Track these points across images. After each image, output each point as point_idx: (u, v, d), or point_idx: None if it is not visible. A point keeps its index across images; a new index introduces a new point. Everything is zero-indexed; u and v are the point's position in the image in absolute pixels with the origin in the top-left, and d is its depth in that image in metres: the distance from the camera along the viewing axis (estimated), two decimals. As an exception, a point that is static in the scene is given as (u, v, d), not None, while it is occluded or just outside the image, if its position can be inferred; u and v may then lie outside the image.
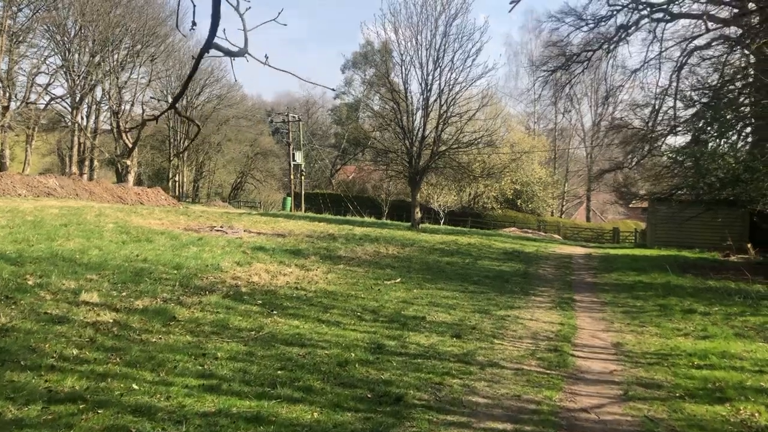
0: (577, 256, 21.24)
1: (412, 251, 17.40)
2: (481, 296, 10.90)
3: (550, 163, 58.07)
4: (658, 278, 15.18)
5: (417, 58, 27.65)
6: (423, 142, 27.89)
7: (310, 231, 21.12)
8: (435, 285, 11.66)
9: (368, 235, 21.10)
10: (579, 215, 64.38)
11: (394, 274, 12.48)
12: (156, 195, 35.29)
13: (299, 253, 13.93)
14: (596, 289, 13.28)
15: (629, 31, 27.64)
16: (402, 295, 10.21)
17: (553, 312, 10.04)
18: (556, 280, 14.33)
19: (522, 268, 15.93)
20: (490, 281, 12.94)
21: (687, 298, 12.03)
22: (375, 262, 14.25)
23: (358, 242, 17.98)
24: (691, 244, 24.73)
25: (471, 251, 19.17)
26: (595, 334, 8.70)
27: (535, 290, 12.39)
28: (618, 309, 10.80)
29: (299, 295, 9.41)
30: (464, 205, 48.93)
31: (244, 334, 6.77)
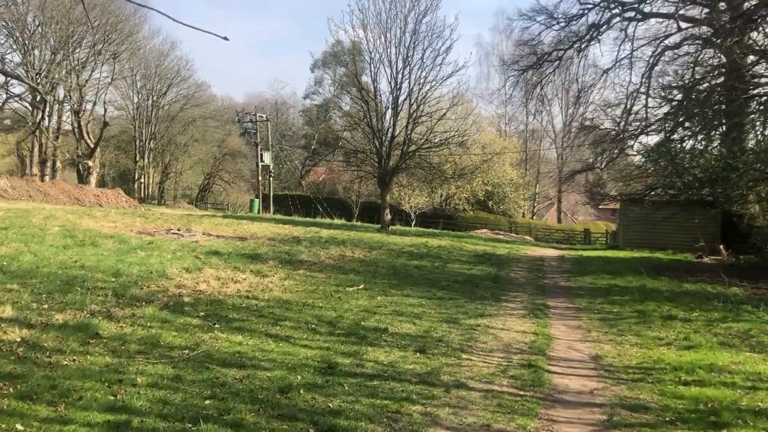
0: (550, 259, 20.70)
1: (379, 254, 16.60)
2: (449, 303, 10.15)
3: (522, 165, 57.88)
4: (634, 281, 14.67)
5: (386, 56, 26.87)
6: (393, 142, 27.14)
7: (274, 234, 20.17)
8: (401, 291, 10.88)
9: (335, 237, 20.25)
10: (550, 216, 64.41)
11: (358, 280, 11.66)
12: (116, 197, 33.90)
13: (257, 258, 13.02)
14: (571, 294, 12.66)
15: (600, 30, 27.35)
16: (364, 304, 9.40)
17: (526, 320, 9.34)
18: (529, 285, 13.68)
19: (493, 272, 15.26)
20: (460, 286, 12.21)
21: (665, 303, 11.47)
22: (339, 266, 13.41)
23: (323, 245, 17.12)
24: (663, 246, 24.42)
25: (441, 254, 18.46)
26: (571, 344, 8.01)
27: (507, 295, 11.70)
28: (594, 316, 10.16)
29: (249, 305, 8.53)
30: (436, 207, 48.35)
31: (176, 353, 5.88)
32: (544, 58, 28.57)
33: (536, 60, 28.22)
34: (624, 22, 26.56)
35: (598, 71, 27.60)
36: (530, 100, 32.91)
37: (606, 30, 27.52)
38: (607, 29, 27.46)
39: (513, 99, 57.70)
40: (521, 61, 29.50)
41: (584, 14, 27.21)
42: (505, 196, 50.84)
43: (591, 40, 27.54)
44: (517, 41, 31.46)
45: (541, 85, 30.02)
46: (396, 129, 27.38)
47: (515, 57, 30.72)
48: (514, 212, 52.61)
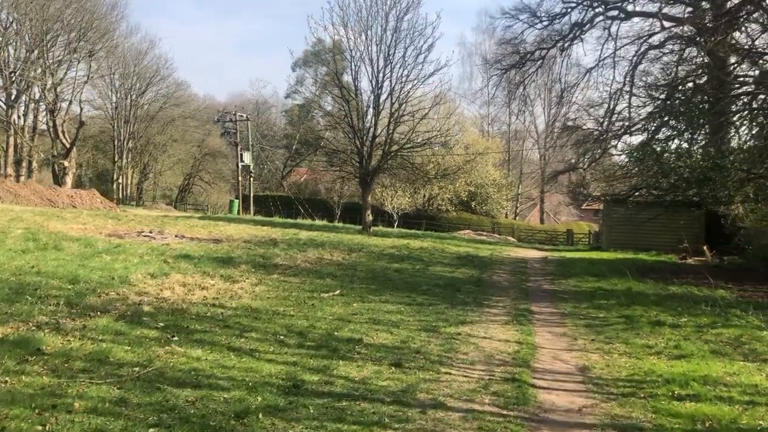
0: (533, 260, 20.33)
1: (358, 257, 16.09)
2: (429, 309, 9.67)
3: (504, 165, 57.72)
4: (619, 284, 14.31)
5: (367, 54, 26.40)
6: (374, 142, 26.65)
7: (251, 236, 19.57)
8: (379, 297, 10.37)
9: (314, 239, 19.71)
10: (533, 217, 64.35)
11: (335, 285, 11.13)
12: (91, 198, 33.00)
13: (229, 262, 12.45)
14: (555, 298, 12.24)
15: (584, 29, 27.09)
16: (339, 311, 8.88)
17: (509, 327, 8.89)
18: (512, 288, 13.25)
19: (475, 275, 14.81)
20: (441, 291, 11.74)
21: (652, 308, 11.10)
22: (315, 270, 12.87)
23: (300, 248, 16.57)
24: (647, 247, 24.19)
25: (422, 256, 17.99)
26: (557, 354, 7.56)
27: (490, 300, 11.25)
28: (580, 322, 9.73)
29: (214, 314, 7.97)
30: (419, 208, 47.93)
31: (125, 371, 5.32)
32: (527, 57, 28.23)
33: (519, 59, 27.86)
34: (607, 20, 26.34)
35: (581, 70, 27.33)
36: (513, 100, 32.61)
37: (589, 29, 27.28)
38: (590, 28, 27.22)
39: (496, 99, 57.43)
40: (504, 60, 29.14)
41: (567, 13, 26.94)
42: (488, 197, 50.57)
43: (574, 39, 27.28)
44: (500, 40, 31.11)
45: (524, 84, 29.70)
46: (377, 128, 26.90)
47: (498, 56, 30.36)
48: (497, 213, 52.36)
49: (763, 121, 13.21)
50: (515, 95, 30.66)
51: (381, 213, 44.37)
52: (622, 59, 26.63)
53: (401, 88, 26.16)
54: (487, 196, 50.55)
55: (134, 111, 59.75)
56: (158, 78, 60.80)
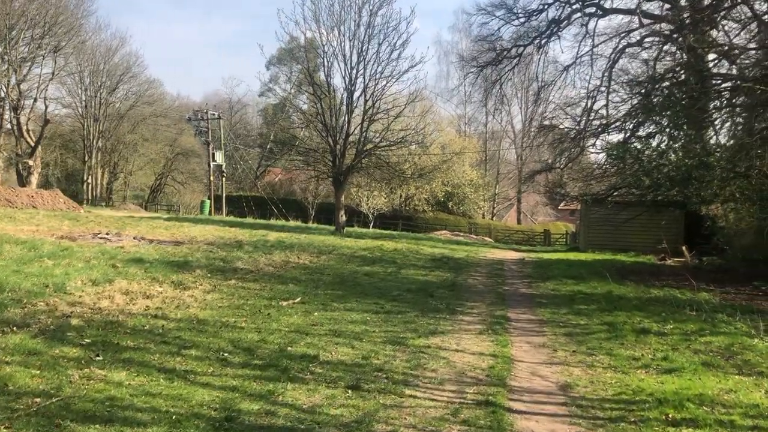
0: (510, 262, 19.69)
1: (327, 260, 15.26)
2: (398, 318, 8.88)
3: (481, 165, 57.29)
4: (599, 287, 13.70)
5: (340, 50, 25.60)
6: (347, 140, 25.84)
7: (216, 237, 18.63)
8: (344, 304, 9.55)
9: (283, 241, 18.83)
10: (510, 217, 64.05)
11: (297, 291, 10.29)
12: (54, 198, 31.62)
13: (185, 266, 11.53)
14: (532, 303, 11.55)
15: (561, 26, 26.57)
16: (297, 322, 8.04)
17: (484, 337, 8.14)
18: (488, 292, 12.53)
19: (450, 278, 14.08)
20: (413, 296, 10.97)
21: (635, 313, 10.47)
22: (278, 275, 12.01)
23: (266, 250, 15.69)
24: (625, 247, 23.75)
25: (396, 258, 17.22)
26: (535, 369, 6.83)
27: (464, 306, 10.50)
28: (560, 330, 9.03)
29: (154, 326, 7.09)
30: (395, 208, 47.25)
31: (23, 403, 4.44)
32: (504, 55, 27.66)
33: (495, 56, 27.27)
34: (585, 17, 25.86)
35: (559, 68, 26.81)
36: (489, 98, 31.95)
37: (566, 26, 26.79)
38: (567, 25, 26.74)
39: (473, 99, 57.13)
40: (480, 58, 28.52)
41: (544, 9, 26.40)
42: (464, 197, 50.08)
43: (551, 36, 26.77)
44: (476, 37, 30.51)
45: (501, 82, 29.14)
46: (351, 127, 26.11)
47: (474, 53, 29.72)
48: (474, 213, 51.90)
49: (744, 118, 12.66)
50: (492, 93, 30.06)
51: (357, 213, 43.60)
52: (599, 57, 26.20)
53: (375, 85, 25.42)
54: (464, 197, 50.06)
55: (104, 109, 58.13)
56: (129, 76, 59.29)
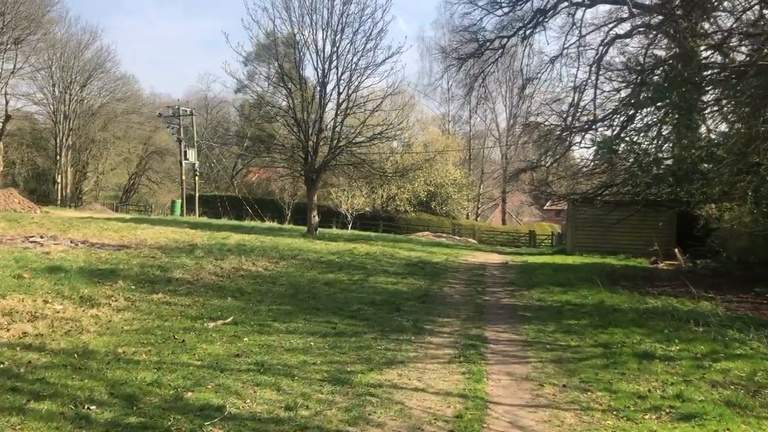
0: (492, 266, 18.17)
1: (287, 266, 13.62)
2: (350, 342, 7.27)
3: (465, 164, 55.84)
4: (589, 296, 12.22)
5: (312, 39, 23.97)
6: (320, 136, 24.19)
7: (170, 240, 16.92)
8: (288, 324, 7.92)
9: (244, 244, 17.16)
10: (495, 218, 62.69)
11: (233, 308, 8.64)
12: (7, 198, 29.62)
13: (110, 276, 9.84)
14: (515, 317, 10.00)
15: (547, 16, 25.09)
16: (217, 351, 6.40)
17: (453, 368, 6.57)
18: (464, 304, 10.97)
19: (423, 287, 12.51)
20: (375, 311, 9.37)
21: (633, 330, 8.97)
22: (220, 286, 10.35)
23: (220, 255, 14.03)
24: (614, 250, 22.33)
25: (366, 264, 15.63)
26: (516, 417, 5.26)
27: (434, 323, 8.92)
28: (546, 355, 7.48)
29: (17, 362, 5.40)
30: (376, 208, 45.65)
31: None
32: (486, 46, 26.14)
33: (478, 47, 25.74)
34: (571, 7, 24.45)
35: (544, 59, 25.31)
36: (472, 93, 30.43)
37: (552, 16, 25.34)
38: (553, 15, 25.28)
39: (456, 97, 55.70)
40: (461, 49, 26.96)
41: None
42: (448, 197, 48.59)
43: (536, 26, 25.28)
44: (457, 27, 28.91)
45: (483, 75, 27.63)
46: (324, 121, 24.47)
47: (455, 44, 28.14)
48: (457, 214, 50.42)
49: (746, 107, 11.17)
50: (474, 88, 28.52)
51: (336, 214, 41.96)
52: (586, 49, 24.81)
53: (350, 76, 23.79)
54: (448, 197, 48.58)
55: (74, 106, 55.99)
56: (100, 71, 57.18)
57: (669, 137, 10.37)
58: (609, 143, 11.19)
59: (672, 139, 10.12)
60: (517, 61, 29.46)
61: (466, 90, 31.13)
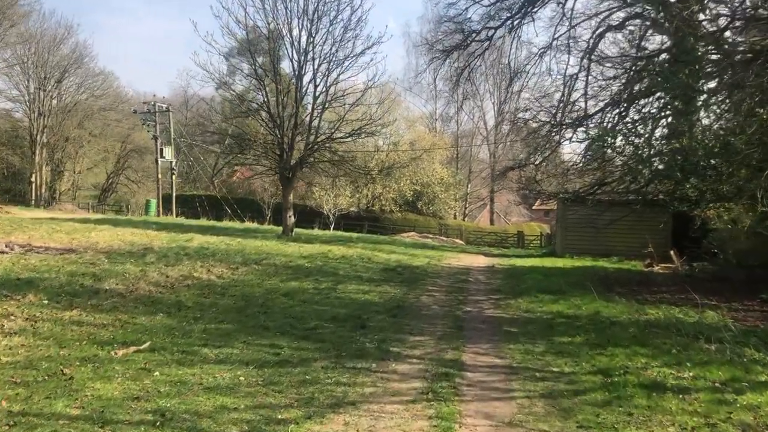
0: (477, 271, 16.84)
1: (246, 273, 12.19)
2: (293, 374, 5.87)
3: (452, 163, 54.57)
4: (583, 306, 10.92)
5: (287, 29, 22.54)
6: (296, 132, 22.76)
7: (125, 243, 15.46)
8: (221, 350, 6.51)
9: (206, 248, 15.72)
10: (483, 218, 61.51)
11: (159, 328, 7.20)
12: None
13: (23, 288, 8.38)
14: (499, 334, 8.65)
15: (535, 5, 23.80)
16: (112, 392, 4.97)
17: (418, 411, 5.19)
18: (442, 318, 9.60)
19: (398, 296, 11.13)
20: (335, 329, 7.98)
21: (636, 350, 7.66)
22: (154, 300, 8.91)
23: (172, 261, 12.59)
24: (606, 252, 21.11)
25: (339, 269, 14.23)
26: (495, 489, 3.89)
27: (404, 344, 7.55)
28: (535, 388, 6.11)
29: None
30: (361, 208, 44.25)
31: None
32: (472, 38, 24.80)
33: (463, 38, 24.39)
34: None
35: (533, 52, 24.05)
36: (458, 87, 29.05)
37: (541, 6, 24.03)
38: (542, 5, 23.97)
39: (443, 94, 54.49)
40: (446, 40, 25.58)
41: (517, -13, 23.64)
42: (434, 197, 47.28)
43: (524, 16, 23.91)
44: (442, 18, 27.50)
45: (470, 69, 26.28)
46: (300, 117, 23.04)
47: (439, 35, 26.75)
48: (444, 214, 49.12)
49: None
50: (460, 82, 27.14)
51: (319, 215, 40.56)
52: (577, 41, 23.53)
53: (327, 68, 22.37)
54: (434, 196, 47.28)
55: (49, 103, 54.19)
56: (76, 67, 55.41)
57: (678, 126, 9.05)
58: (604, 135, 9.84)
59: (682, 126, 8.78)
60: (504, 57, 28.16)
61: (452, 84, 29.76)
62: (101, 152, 58.95)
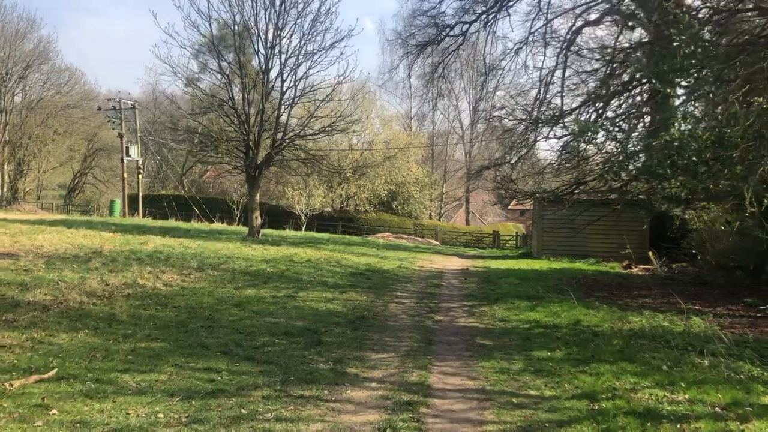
0: (450, 274, 16.02)
1: (200, 280, 11.18)
2: (226, 408, 4.92)
3: (428, 163, 53.84)
4: (562, 313, 10.16)
5: (253, 21, 21.49)
6: (262, 128, 21.71)
7: (73, 247, 14.31)
8: (145, 376, 5.53)
9: (160, 252, 14.64)
10: (459, 218, 60.92)
11: (77, 349, 6.17)
12: None
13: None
14: (472, 348, 7.80)
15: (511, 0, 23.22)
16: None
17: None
18: (410, 329, 8.73)
19: (363, 305, 10.23)
20: (286, 346, 7.04)
21: (623, 366, 6.89)
22: (83, 313, 7.86)
23: (119, 266, 11.52)
24: (584, 253, 20.51)
25: (302, 274, 13.28)
26: None
27: (363, 363, 6.65)
28: (512, 419, 5.25)
29: None
30: (335, 208, 43.28)
31: None
32: (447, 32, 24.07)
33: (437, 32, 23.63)
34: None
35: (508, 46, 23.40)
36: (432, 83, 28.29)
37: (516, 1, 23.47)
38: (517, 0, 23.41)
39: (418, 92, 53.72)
40: (419, 35, 24.81)
41: (492, -19, 22.98)
42: (410, 197, 46.48)
43: (500, 10, 23.27)
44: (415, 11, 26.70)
45: (444, 64, 25.54)
46: (267, 113, 21.99)
47: (412, 29, 25.95)
48: (419, 214, 48.35)
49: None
50: (434, 77, 26.37)
51: (291, 215, 39.51)
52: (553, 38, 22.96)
53: (296, 62, 21.37)
54: (409, 196, 46.48)
55: (11, 99, 52.21)
56: (40, 62, 53.43)
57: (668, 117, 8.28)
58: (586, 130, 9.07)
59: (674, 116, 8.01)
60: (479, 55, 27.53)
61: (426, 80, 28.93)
62: (67, 151, 57.07)
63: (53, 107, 53.14)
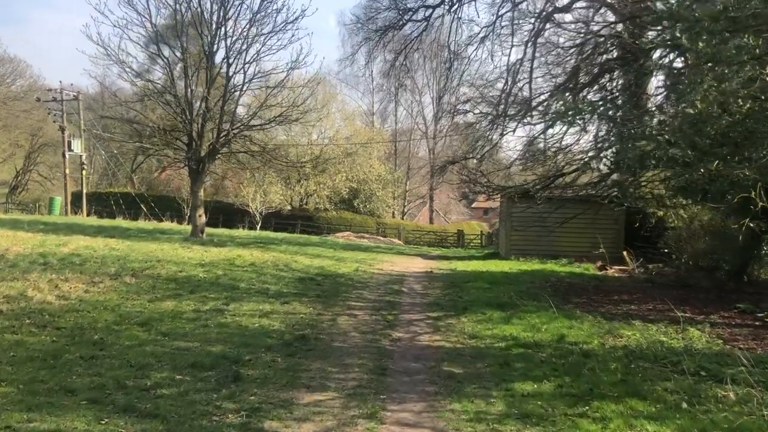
0: (412, 279, 14.34)
1: (106, 291, 9.22)
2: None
3: (390, 159, 52.19)
4: (543, 327, 8.62)
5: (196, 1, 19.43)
6: (206, 117, 19.68)
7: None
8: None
9: (77, 255, 12.60)
10: (422, 216, 59.47)
11: None
12: None
13: None
14: (437, 380, 6.10)
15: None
16: None
17: None
18: (360, 352, 6.99)
19: (307, 319, 8.45)
20: (188, 386, 5.23)
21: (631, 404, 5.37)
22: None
23: (18, 273, 9.50)
24: (555, 253, 19.09)
25: (241, 280, 11.41)
26: None
27: (288, 414, 4.88)
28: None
29: None
30: (294, 206, 41.27)
31: None
32: (409, 16, 22.41)
33: (398, 16, 21.93)
34: (504, -25, 21.02)
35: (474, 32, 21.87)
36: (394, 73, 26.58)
37: (483, -15, 21.99)
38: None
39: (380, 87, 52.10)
40: (379, 19, 23.09)
41: (456, -39, 21.35)
42: (372, 194, 44.79)
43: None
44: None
45: (406, 51, 23.87)
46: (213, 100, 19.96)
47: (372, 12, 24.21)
48: (382, 212, 46.70)
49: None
50: (395, 65, 24.68)
51: (247, 213, 37.34)
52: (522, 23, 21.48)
53: (242, 46, 19.40)
54: (372, 194, 44.80)
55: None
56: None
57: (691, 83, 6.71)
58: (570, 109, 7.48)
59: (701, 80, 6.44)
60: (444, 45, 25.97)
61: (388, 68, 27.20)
62: (9, 147, 53.77)
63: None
